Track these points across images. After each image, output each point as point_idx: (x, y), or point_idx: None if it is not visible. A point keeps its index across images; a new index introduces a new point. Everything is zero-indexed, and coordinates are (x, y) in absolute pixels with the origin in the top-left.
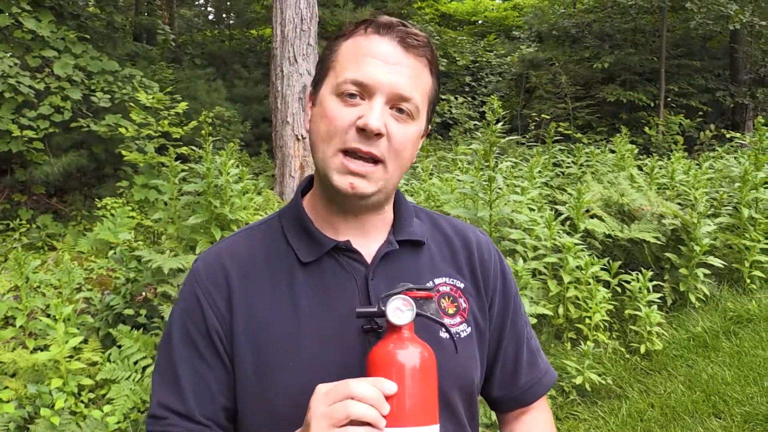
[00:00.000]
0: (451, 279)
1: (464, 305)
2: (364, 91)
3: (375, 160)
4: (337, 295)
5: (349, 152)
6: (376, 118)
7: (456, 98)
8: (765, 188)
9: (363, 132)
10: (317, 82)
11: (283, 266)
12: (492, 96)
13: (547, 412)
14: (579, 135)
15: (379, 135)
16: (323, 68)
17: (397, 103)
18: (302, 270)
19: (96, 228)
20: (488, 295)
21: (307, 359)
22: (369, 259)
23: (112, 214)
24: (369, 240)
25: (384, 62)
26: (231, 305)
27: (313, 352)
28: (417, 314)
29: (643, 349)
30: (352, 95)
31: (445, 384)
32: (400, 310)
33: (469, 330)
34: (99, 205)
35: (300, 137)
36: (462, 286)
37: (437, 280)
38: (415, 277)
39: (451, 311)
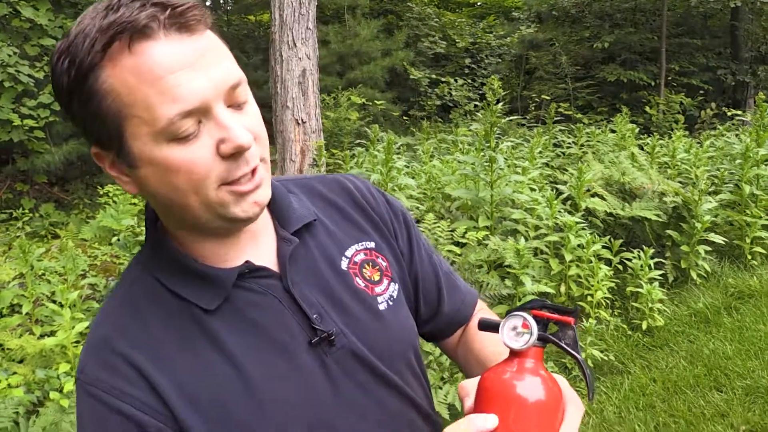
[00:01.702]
0: (360, 243)
1: (384, 263)
2: (198, 115)
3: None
4: (265, 324)
5: (230, 182)
6: (239, 132)
7: (456, 80)
8: (766, 165)
9: (235, 155)
10: (105, 143)
11: (189, 325)
12: (492, 76)
13: (483, 313)
14: (579, 115)
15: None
16: (105, 123)
17: (233, 97)
18: (212, 318)
19: (98, 215)
20: (391, 234)
21: (274, 411)
22: (274, 266)
23: (115, 201)
24: (263, 248)
25: (190, 68)
26: (160, 395)
27: (275, 400)
28: (541, 338)
29: (644, 326)
30: (189, 131)
31: (401, 350)
32: (515, 331)
33: (397, 287)
34: (101, 193)
35: (300, 121)
36: (372, 245)
37: (349, 252)
38: (329, 262)
39: (376, 277)
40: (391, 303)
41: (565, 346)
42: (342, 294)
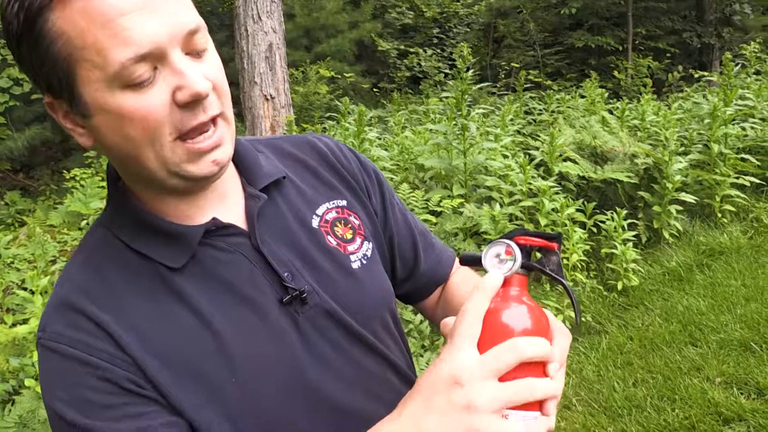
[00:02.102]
0: (332, 201)
1: (357, 222)
2: (152, 60)
3: (214, 119)
4: (234, 281)
5: (187, 134)
6: (196, 78)
7: (425, 51)
8: (733, 124)
9: (191, 103)
10: (57, 90)
11: (153, 283)
12: (462, 43)
13: (461, 271)
14: (549, 82)
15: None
16: (55, 67)
17: (191, 44)
18: (178, 276)
19: (66, 200)
20: (364, 193)
21: (245, 368)
22: (243, 224)
23: (82, 185)
24: (231, 206)
25: (144, 10)
26: (124, 349)
27: (246, 355)
28: (525, 266)
29: (620, 286)
30: (143, 77)
31: (376, 309)
32: (498, 258)
33: (371, 246)
34: (68, 177)
35: (269, 97)
36: (344, 203)
37: (320, 210)
38: (300, 220)
39: (349, 236)
40: (364, 262)
41: (551, 272)
42: (314, 252)
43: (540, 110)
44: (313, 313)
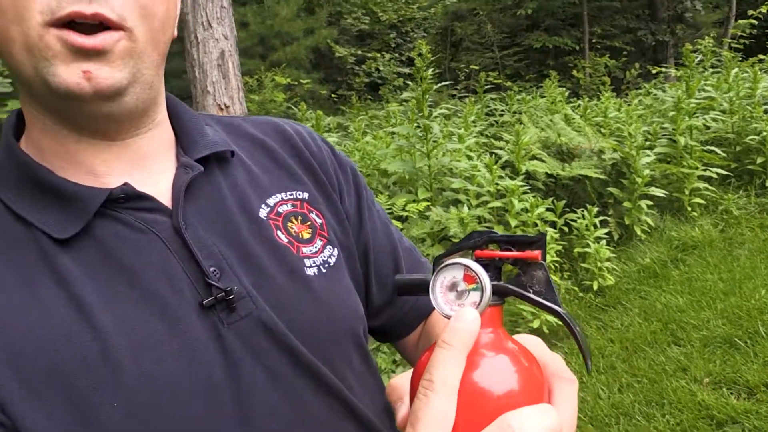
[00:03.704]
0: (289, 192)
1: (318, 221)
2: None
3: (106, 25)
4: (138, 269)
5: (61, 20)
6: None
7: (383, 55)
8: (697, 115)
9: None
10: None
11: (32, 259)
12: (419, 41)
13: None
14: (509, 83)
15: None
16: None
17: None
18: (64, 253)
19: None
20: (334, 189)
21: (135, 390)
22: (166, 201)
23: None
24: (153, 173)
25: None
26: None
27: (138, 373)
28: (497, 291)
29: (595, 286)
30: None
31: (335, 333)
32: (455, 291)
33: (336, 253)
34: None
35: (223, 106)
36: (306, 196)
37: (272, 200)
38: (244, 207)
39: (305, 235)
40: (324, 270)
41: (537, 298)
42: (255, 247)
43: (501, 111)
44: (245, 326)
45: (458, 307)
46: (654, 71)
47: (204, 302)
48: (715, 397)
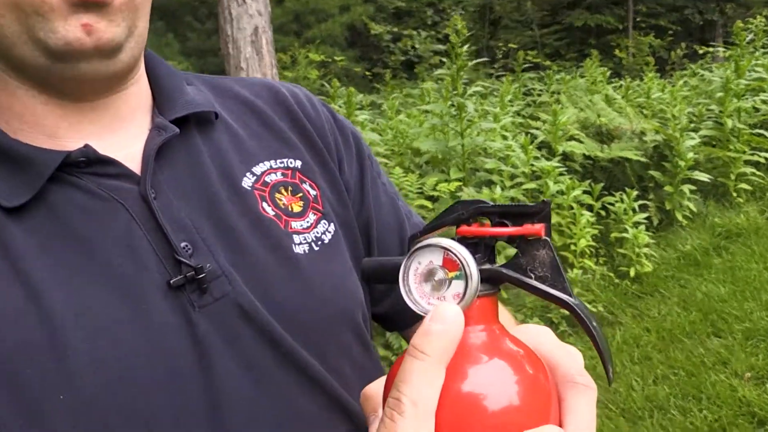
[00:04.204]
0: (279, 160)
1: (313, 192)
2: None
3: None
4: (97, 241)
5: None
6: None
7: (419, 33)
8: (746, 97)
9: None
10: None
11: None
12: (455, 16)
13: None
14: (548, 63)
15: None
16: None
17: None
18: (14, 223)
19: None
20: (333, 158)
21: (88, 380)
22: (135, 166)
23: None
24: (125, 137)
25: None
26: None
27: (92, 360)
28: (489, 277)
29: (632, 273)
30: None
31: (329, 319)
32: (431, 281)
33: (332, 228)
34: None
35: None
36: (298, 164)
37: (259, 168)
38: (226, 175)
39: (296, 208)
40: (316, 248)
41: (540, 285)
42: (236, 220)
43: (540, 91)
44: (219, 309)
45: (437, 301)
46: (701, 51)
47: (171, 281)
48: (757, 393)
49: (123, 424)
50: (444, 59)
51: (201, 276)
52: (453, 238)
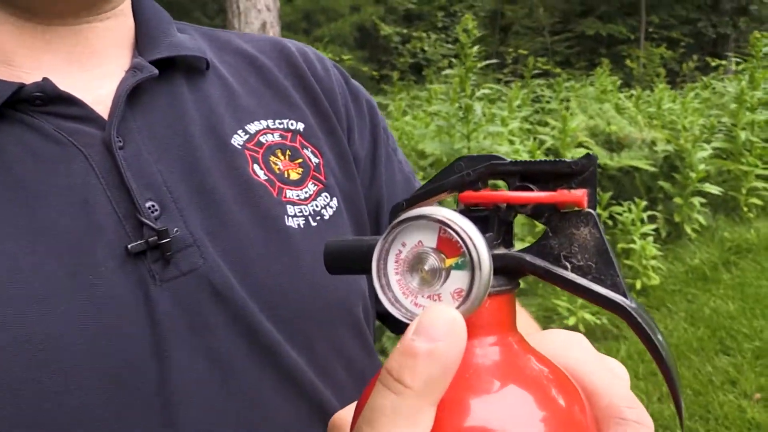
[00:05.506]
0: (278, 120)
1: (315, 160)
2: None
3: None
4: (44, 194)
5: None
6: None
7: (429, 36)
8: (761, 110)
9: None
10: None
11: None
12: (466, 15)
13: None
14: (558, 70)
15: None
16: None
17: None
18: None
19: None
20: (342, 126)
21: (8, 356)
22: (103, 110)
23: None
24: (97, 76)
25: None
26: None
27: (15, 336)
28: (505, 271)
29: (639, 285)
30: None
31: (320, 306)
32: (421, 272)
33: (334, 204)
34: None
35: None
36: (300, 127)
37: (253, 127)
38: (211, 129)
39: (293, 175)
40: (314, 223)
41: (581, 280)
42: (218, 180)
43: (549, 98)
44: (186, 286)
45: (428, 301)
46: (714, 64)
47: (129, 247)
48: (767, 415)
49: (45, 423)
50: (453, 60)
51: (165, 241)
52: (453, 209)
